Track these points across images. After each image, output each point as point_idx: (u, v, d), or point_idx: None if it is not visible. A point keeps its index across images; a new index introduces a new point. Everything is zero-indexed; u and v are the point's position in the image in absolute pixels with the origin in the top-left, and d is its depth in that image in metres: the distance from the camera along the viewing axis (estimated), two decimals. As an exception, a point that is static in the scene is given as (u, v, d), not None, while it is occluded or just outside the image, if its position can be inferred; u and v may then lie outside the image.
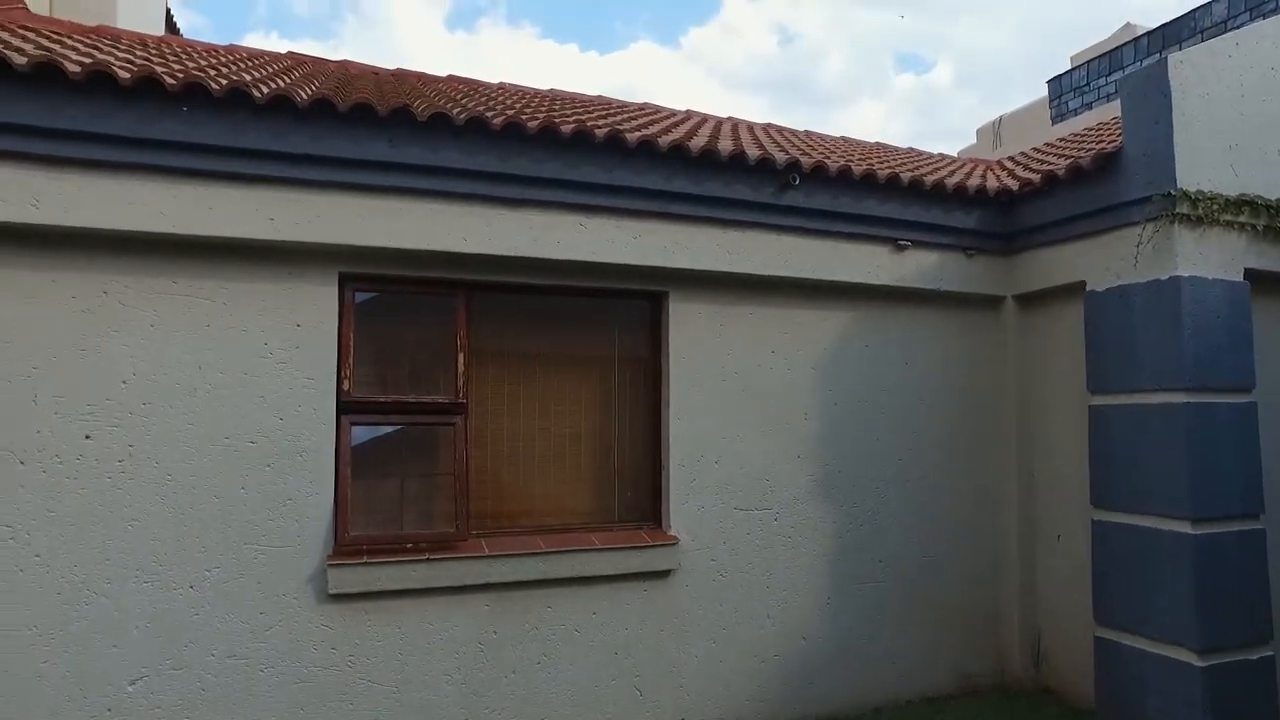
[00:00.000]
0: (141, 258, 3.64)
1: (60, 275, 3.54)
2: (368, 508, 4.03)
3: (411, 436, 4.14)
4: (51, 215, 3.39)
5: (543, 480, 4.48)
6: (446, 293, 4.15)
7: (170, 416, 3.65)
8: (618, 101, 7.21)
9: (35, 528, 3.48)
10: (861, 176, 4.78)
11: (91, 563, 3.54)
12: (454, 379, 4.14)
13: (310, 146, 3.68)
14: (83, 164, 3.45)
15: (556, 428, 4.51)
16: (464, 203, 3.97)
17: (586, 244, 4.23)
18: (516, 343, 4.44)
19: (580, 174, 4.17)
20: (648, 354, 4.69)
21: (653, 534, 4.51)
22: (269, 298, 3.79)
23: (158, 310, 3.65)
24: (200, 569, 3.68)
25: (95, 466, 3.56)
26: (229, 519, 3.72)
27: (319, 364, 3.86)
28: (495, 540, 4.18)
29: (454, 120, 3.84)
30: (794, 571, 4.79)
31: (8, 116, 3.29)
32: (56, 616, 3.48)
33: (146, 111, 3.47)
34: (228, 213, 3.63)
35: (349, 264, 3.91)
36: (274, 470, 3.77)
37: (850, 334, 5.06)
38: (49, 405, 3.50)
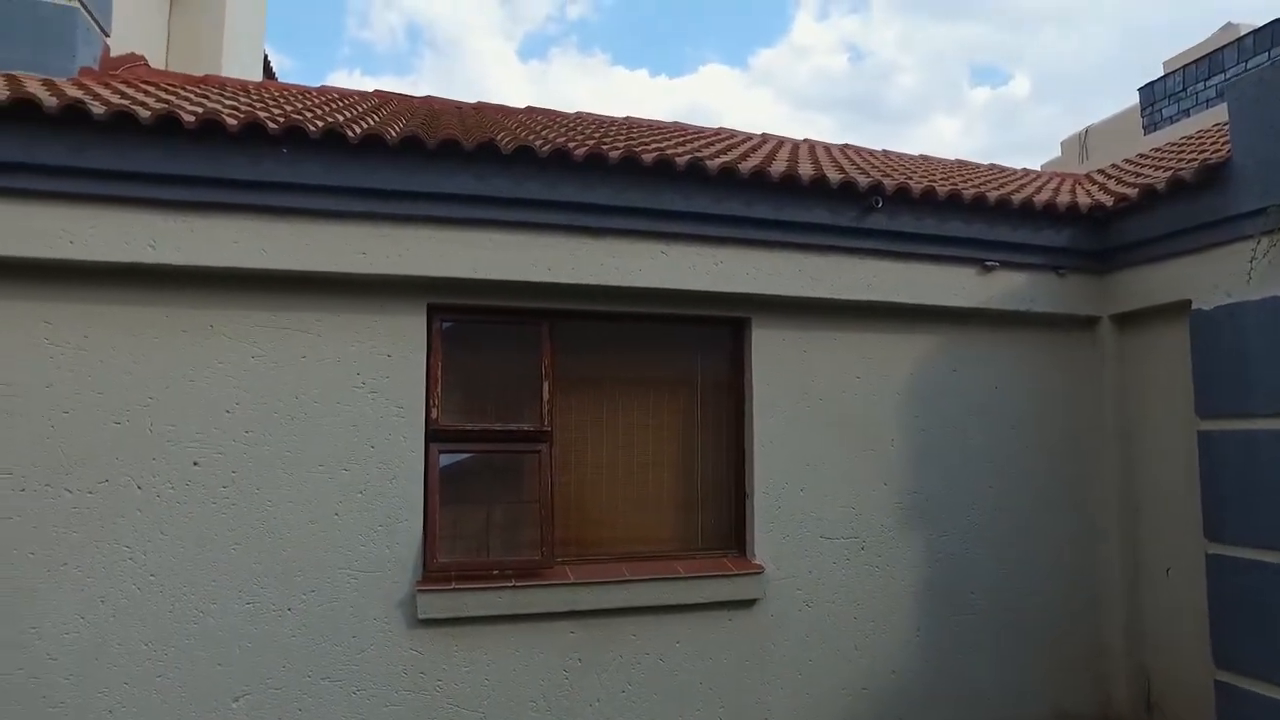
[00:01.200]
0: (244, 293, 3.82)
1: (173, 310, 3.74)
2: (455, 534, 4.10)
3: (497, 464, 4.21)
4: (166, 255, 3.60)
5: (626, 507, 4.48)
6: (531, 322, 4.22)
7: (270, 444, 3.80)
8: (693, 127, 7.25)
9: (150, 549, 3.66)
10: (946, 197, 4.67)
11: (199, 583, 3.70)
12: (539, 407, 4.19)
13: (400, 182, 3.82)
14: (193, 206, 3.65)
15: (640, 455, 4.52)
16: (548, 233, 4.04)
17: (668, 271, 4.24)
18: (600, 370, 4.48)
19: (661, 202, 4.20)
20: (730, 380, 4.66)
21: (737, 562, 4.45)
22: (361, 329, 3.93)
23: (258, 342, 3.82)
24: (297, 592, 3.80)
25: (202, 492, 3.73)
26: (324, 544, 3.84)
27: (408, 393, 3.96)
28: (580, 567, 4.20)
29: (537, 153, 3.92)
30: (883, 602, 4.65)
31: (133, 165, 3.53)
32: (169, 632, 3.65)
33: (251, 155, 3.66)
34: (323, 248, 3.78)
35: (437, 295, 4.01)
36: (366, 497, 3.88)
37: (936, 358, 4.92)
38: (162, 433, 3.70)
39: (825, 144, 7.48)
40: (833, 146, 7.39)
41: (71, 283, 3.67)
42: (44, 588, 3.55)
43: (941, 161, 7.62)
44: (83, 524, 3.62)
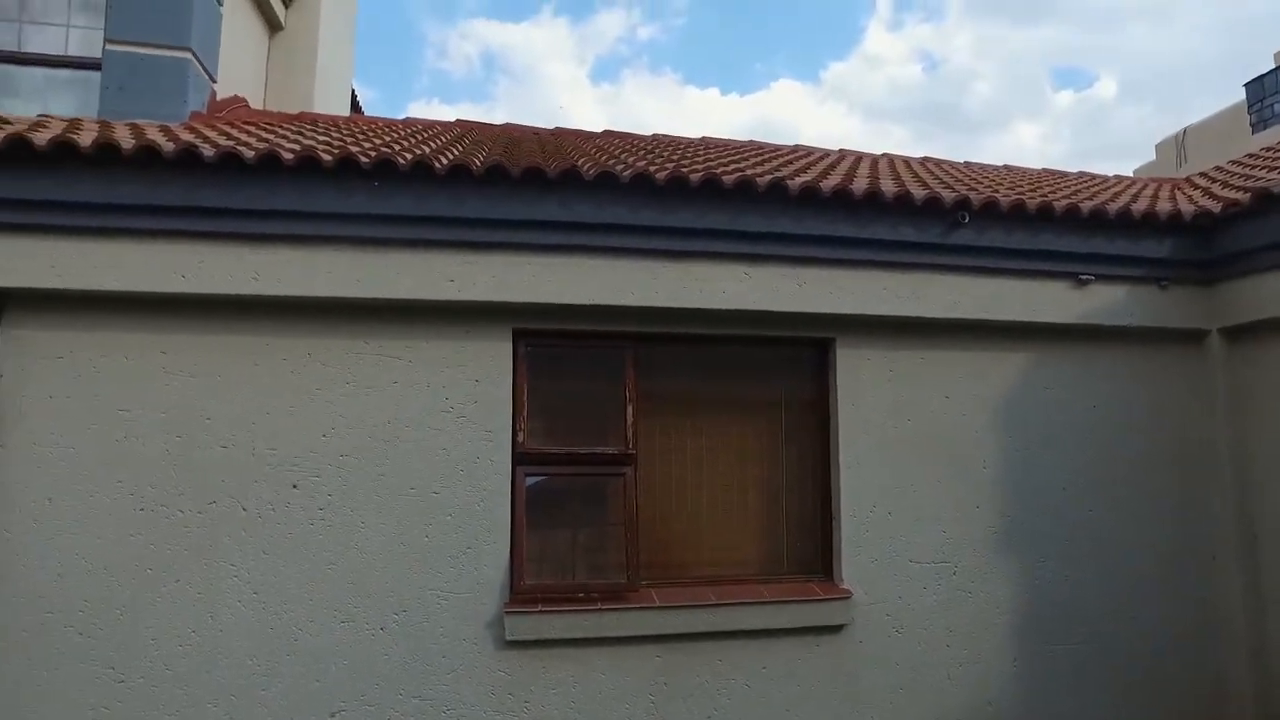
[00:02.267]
0: (339, 321, 3.97)
1: (273, 339, 3.92)
2: (541, 556, 4.14)
3: (582, 487, 4.24)
4: (268, 287, 3.78)
5: (711, 530, 4.45)
6: (615, 345, 4.25)
7: (364, 467, 3.93)
8: (770, 145, 7.22)
9: (253, 567, 3.82)
10: (1037, 210, 4.51)
11: (297, 601, 3.84)
12: (623, 430, 4.21)
13: (486, 211, 3.91)
14: (292, 239, 3.82)
15: (724, 477, 4.49)
16: (631, 257, 4.07)
17: (751, 293, 4.22)
18: (684, 393, 4.48)
19: (743, 224, 4.18)
20: (815, 401, 4.59)
21: (824, 587, 4.37)
22: (450, 355, 4.03)
23: (352, 369, 3.96)
24: (389, 612, 3.90)
25: (301, 513, 3.88)
26: (415, 565, 3.93)
27: (495, 417, 4.04)
28: (665, 591, 4.18)
29: (619, 178, 3.97)
30: (976, 630, 4.48)
31: (238, 202, 3.73)
32: (271, 648, 3.80)
33: (345, 188, 3.81)
34: (412, 277, 3.90)
35: (522, 320, 4.09)
36: (455, 520, 3.96)
37: (1030, 376, 4.74)
38: (264, 457, 3.87)
39: (905, 158, 7.35)
40: (913, 160, 7.24)
41: (184, 314, 3.89)
42: (160, 602, 3.75)
43: (1027, 171, 7.38)
44: (193, 542, 3.81)
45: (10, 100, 5.40)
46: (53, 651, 3.68)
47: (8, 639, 3.65)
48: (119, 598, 3.74)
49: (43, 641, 3.67)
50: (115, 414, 3.84)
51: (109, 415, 3.84)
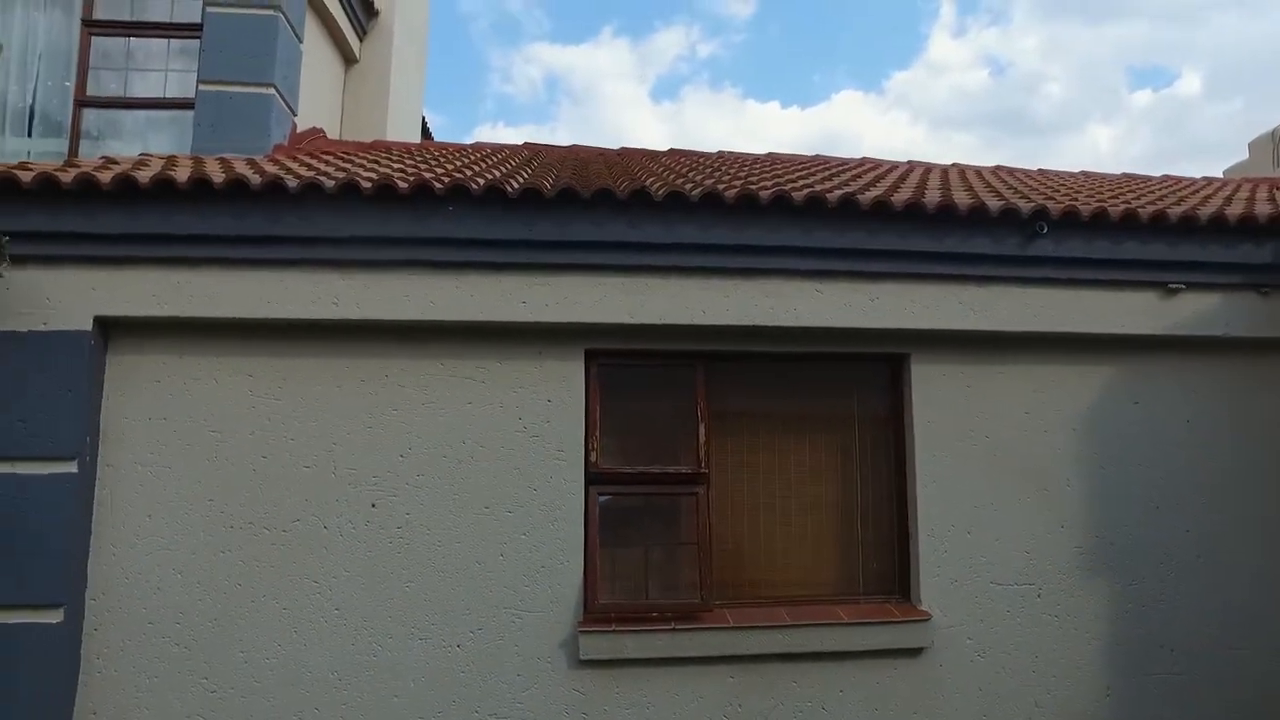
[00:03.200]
0: (415, 343, 4.07)
1: (353, 362, 4.04)
2: (614, 575, 4.15)
3: (655, 506, 4.23)
4: (347, 311, 3.91)
5: (784, 549, 4.39)
6: (686, 364, 4.25)
7: (440, 486, 4.01)
8: (836, 159, 7.14)
9: (335, 584, 3.93)
10: (1121, 218, 4.35)
11: (377, 618, 3.93)
12: (695, 449, 4.20)
13: (557, 233, 3.97)
14: (369, 264, 3.95)
15: (797, 496, 4.43)
16: (701, 276, 4.07)
17: (823, 310, 4.17)
18: (756, 411, 4.44)
19: (814, 240, 4.15)
20: (890, 418, 4.51)
21: (901, 608, 4.26)
22: (522, 375, 4.09)
23: (428, 390, 4.06)
24: (465, 629, 3.96)
25: (379, 532, 3.98)
26: (490, 583, 3.98)
27: (568, 437, 4.08)
28: (739, 611, 4.14)
29: (689, 197, 3.98)
30: (1065, 656, 4.30)
31: (319, 230, 3.87)
32: (352, 662, 3.90)
33: (420, 214, 3.92)
34: (485, 299, 3.98)
35: (594, 340, 4.13)
36: (529, 539, 4.00)
37: (1116, 390, 4.55)
38: (344, 477, 3.98)
39: (976, 167, 7.18)
40: (984, 169, 7.07)
41: (269, 339, 4.05)
42: (249, 616, 3.89)
43: (1106, 177, 7.13)
44: (279, 559, 3.95)
45: (115, 141, 5.73)
46: (153, 660, 3.86)
47: (113, 647, 3.84)
48: (212, 611, 3.90)
49: (144, 650, 3.86)
50: (207, 435, 4.01)
51: (201, 436, 4.02)
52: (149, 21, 5.86)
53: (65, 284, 3.92)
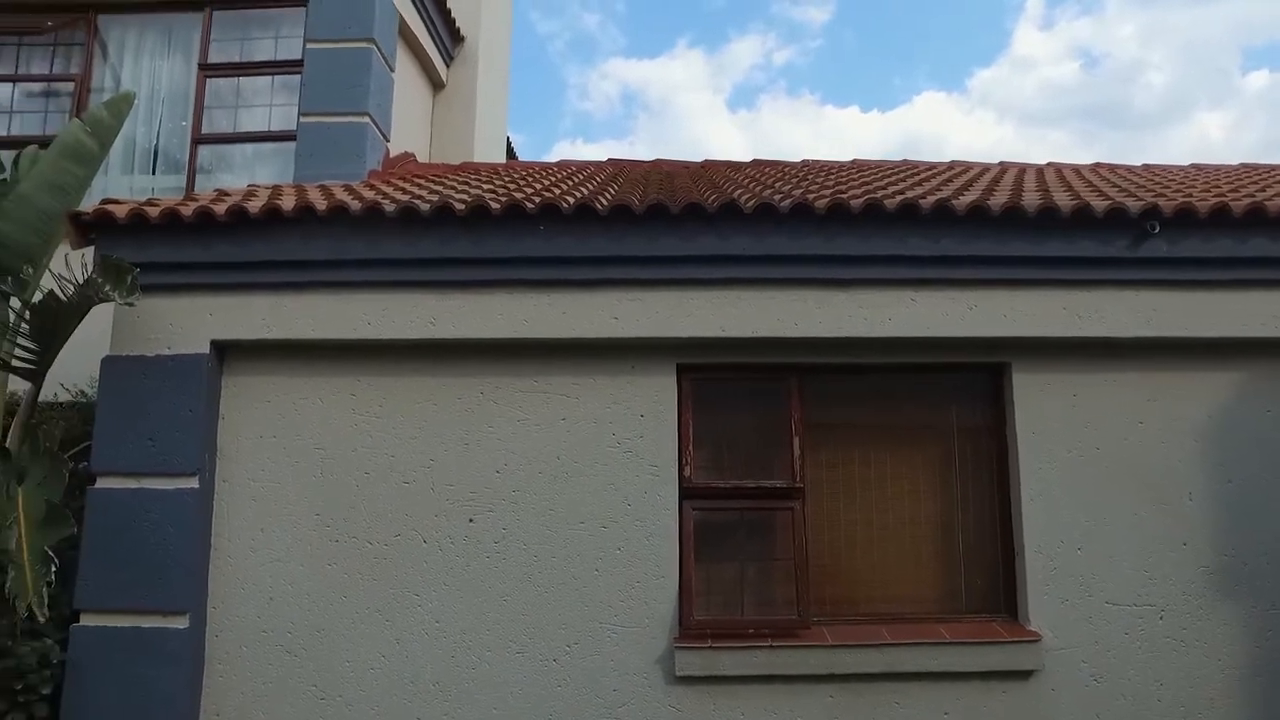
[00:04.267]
0: (509, 361, 4.15)
1: (449, 380, 4.15)
2: (708, 591, 4.12)
3: (749, 521, 4.19)
4: (444, 331, 4.02)
5: (882, 565, 4.28)
6: (779, 377, 4.21)
7: (535, 502, 4.06)
8: (924, 163, 6.98)
9: (434, 597, 4.03)
10: (1245, 213, 4.08)
11: (476, 631, 4.01)
12: (790, 463, 4.14)
13: (647, 248, 3.99)
14: (464, 285, 4.06)
15: (895, 509, 4.31)
16: (792, 287, 4.03)
17: (918, 319, 4.06)
18: (851, 424, 4.36)
19: (908, 248, 4.04)
20: (991, 430, 4.34)
21: (1009, 628, 4.08)
22: (615, 390, 4.12)
23: (522, 406, 4.13)
24: (561, 644, 3.99)
25: (477, 546, 4.06)
26: (585, 599, 4.01)
27: (661, 451, 4.08)
28: (837, 629, 4.05)
29: (778, 209, 3.94)
30: (1191, 684, 4.03)
31: (416, 252, 4.01)
32: (453, 674, 3.98)
33: (512, 234, 4.00)
34: (577, 315, 4.03)
35: (686, 355, 4.12)
36: (624, 554, 4.01)
37: (1243, 397, 4.26)
38: (442, 493, 4.08)
39: (1074, 166, 6.90)
40: (1083, 168, 6.79)
41: (369, 359, 4.20)
42: (355, 627, 4.02)
43: (1221, 168, 6.74)
44: (382, 573, 4.07)
45: (226, 174, 6.09)
46: (266, 667, 4.03)
47: (232, 652, 4.04)
48: (320, 621, 4.04)
49: (258, 658, 4.03)
50: (313, 452, 4.18)
51: (307, 453, 4.18)
52: (256, 61, 6.21)
53: (185, 310, 4.16)
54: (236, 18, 6.31)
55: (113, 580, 3.97)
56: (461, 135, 7.66)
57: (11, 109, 6.26)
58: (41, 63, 6.34)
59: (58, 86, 6.27)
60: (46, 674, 3.78)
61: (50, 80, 6.28)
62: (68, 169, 4.22)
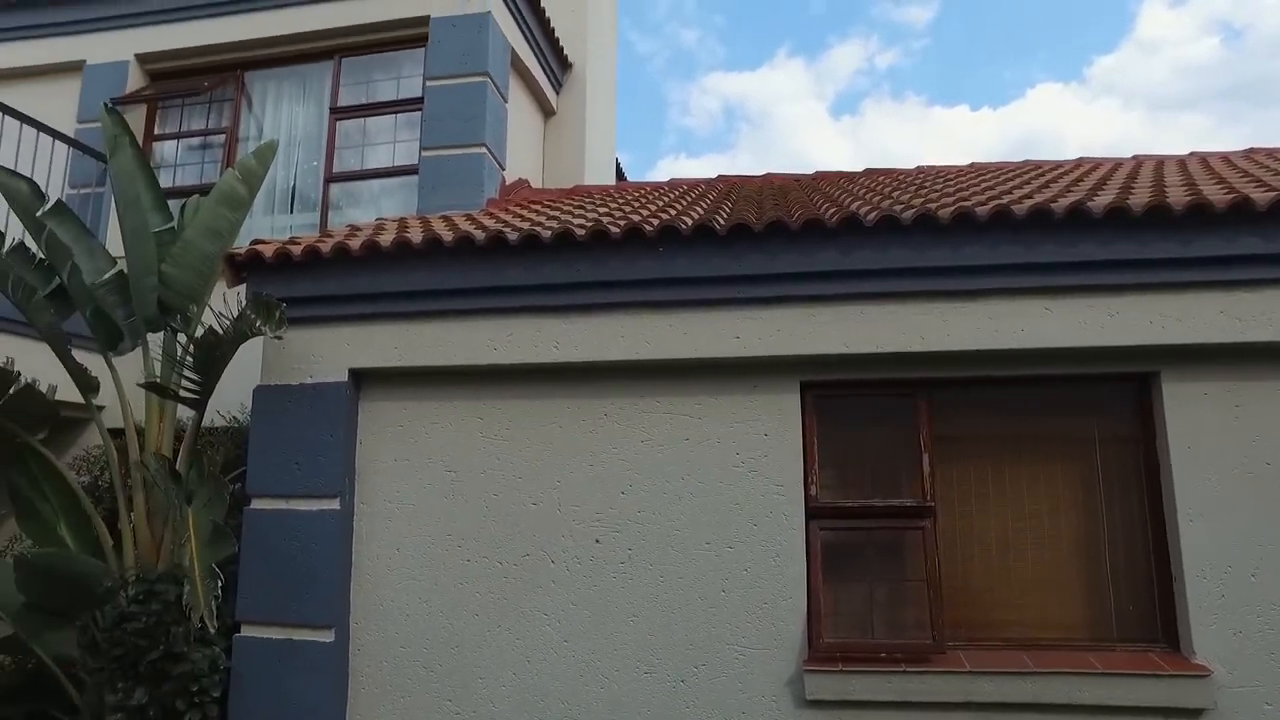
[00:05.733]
0: (631, 382, 4.20)
1: (573, 402, 4.24)
2: (836, 613, 4.02)
3: (878, 540, 4.07)
4: (567, 354, 4.11)
5: (1021, 588, 4.06)
6: (906, 393, 4.08)
7: (661, 522, 4.08)
8: (1048, 162, 6.66)
9: (563, 616, 4.10)
10: None
11: (603, 651, 4.05)
12: (919, 481, 4.00)
13: (767, 266, 3.96)
14: (586, 309, 4.14)
15: (1033, 529, 4.09)
16: (918, 300, 3.90)
17: (1054, 329, 3.86)
18: (983, 440, 4.16)
19: (1040, 254, 3.85)
20: (1138, 444, 4.07)
21: (1170, 660, 3.79)
22: (738, 410, 4.09)
23: (646, 427, 4.16)
24: (689, 665, 3.98)
25: (603, 567, 4.11)
26: (712, 619, 3.99)
27: (786, 471, 4.02)
28: (974, 654, 3.87)
29: (901, 220, 3.84)
30: (1388, 723, 3.63)
31: (538, 278, 4.12)
32: (579, 693, 4.04)
33: (630, 257, 4.06)
34: (699, 336, 4.04)
35: (808, 372, 4.06)
36: (750, 574, 3.97)
37: None
38: (569, 513, 4.16)
39: (1221, 154, 6.41)
40: (1232, 155, 6.30)
41: (496, 383, 4.34)
42: (487, 644, 4.15)
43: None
44: (511, 591, 4.18)
45: (354, 209, 6.45)
46: (404, 681, 4.20)
47: (373, 666, 4.24)
48: (454, 638, 4.19)
49: (397, 672, 4.21)
50: (444, 474, 4.35)
51: (439, 475, 4.36)
52: (380, 102, 6.57)
53: (326, 341, 4.42)
54: (362, 63, 6.70)
55: (266, 595, 4.25)
56: (572, 159, 7.84)
57: (176, 162, 6.87)
58: (199, 119, 6.93)
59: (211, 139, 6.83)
60: (216, 678, 4.10)
61: (206, 134, 6.85)
62: (223, 214, 4.56)
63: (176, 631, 4.06)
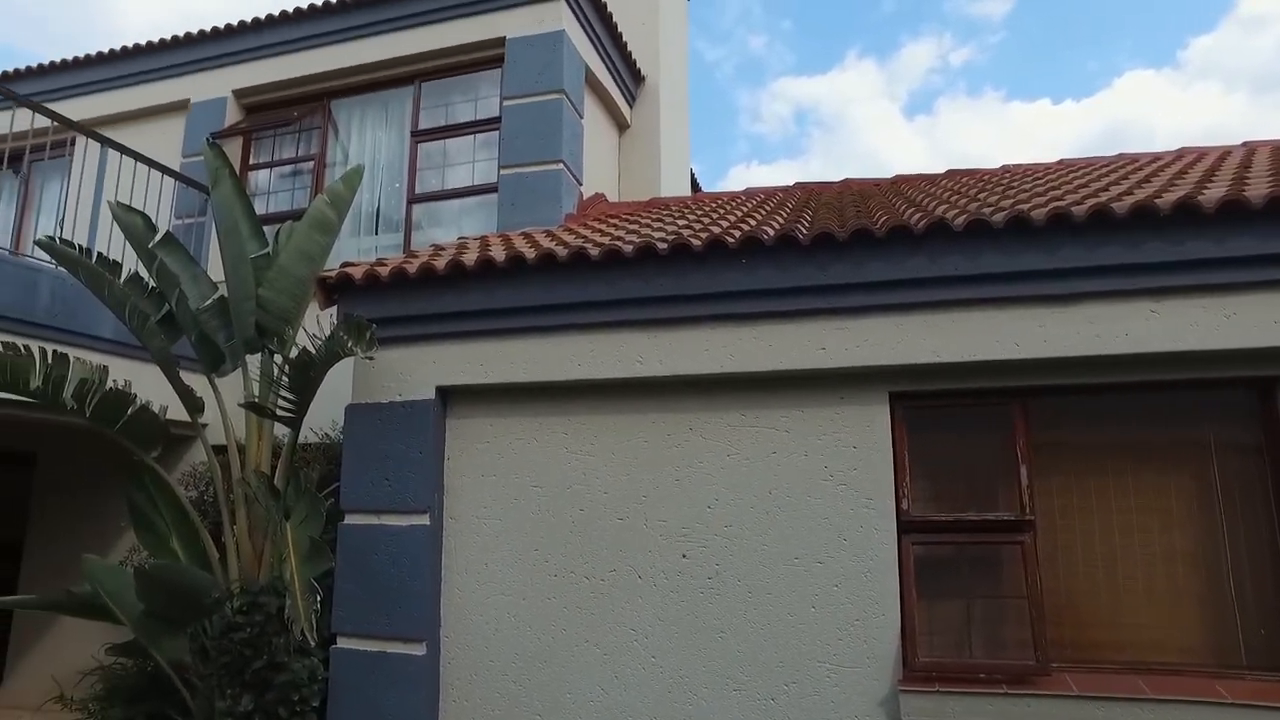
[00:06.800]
0: (716, 396, 4.16)
1: (657, 416, 4.22)
2: (931, 630, 3.89)
3: (972, 555, 3.92)
4: (651, 368, 4.10)
5: (1131, 607, 3.84)
6: (1001, 402, 3.91)
7: (748, 537, 4.02)
8: (1145, 154, 6.33)
9: (651, 632, 4.08)
10: None
11: (692, 667, 4.01)
12: (1017, 494, 3.83)
13: (852, 275, 3.87)
14: (669, 322, 4.12)
15: (1143, 545, 3.87)
16: (1011, 306, 3.74)
17: (1161, 332, 3.64)
18: (1085, 450, 3.96)
19: (1143, 254, 3.65)
20: (1262, 454, 3.81)
21: (1308, 689, 3.51)
22: (825, 422, 4.01)
23: (732, 441, 4.11)
24: (779, 683, 3.90)
25: (691, 582, 4.07)
26: (802, 636, 3.90)
27: (876, 484, 3.92)
28: (1083, 677, 3.67)
29: (991, 224, 3.70)
30: None
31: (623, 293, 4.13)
32: (670, 711, 4.01)
33: (714, 269, 4.03)
34: (784, 347, 3.97)
35: (897, 383, 3.95)
36: (841, 591, 3.88)
37: None
38: (655, 528, 4.15)
39: (1340, 140, 5.97)
40: (1354, 141, 5.87)
41: (580, 398, 4.36)
42: (574, 659, 4.16)
43: None
44: (598, 606, 4.18)
45: (436, 229, 6.62)
46: (493, 694, 4.26)
47: (464, 679, 4.31)
48: (541, 653, 4.22)
49: (487, 686, 4.27)
50: (530, 489, 4.39)
51: (525, 490, 4.40)
52: (459, 123, 6.74)
53: (414, 359, 4.54)
54: (441, 86, 6.88)
55: (360, 608, 4.37)
56: (647, 171, 7.86)
57: (268, 190, 7.20)
58: (289, 148, 7.25)
59: (301, 166, 7.13)
60: (315, 688, 4.25)
61: (296, 162, 7.16)
62: (314, 239, 4.74)
63: (278, 642, 4.22)
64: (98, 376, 4.28)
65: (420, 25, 6.71)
